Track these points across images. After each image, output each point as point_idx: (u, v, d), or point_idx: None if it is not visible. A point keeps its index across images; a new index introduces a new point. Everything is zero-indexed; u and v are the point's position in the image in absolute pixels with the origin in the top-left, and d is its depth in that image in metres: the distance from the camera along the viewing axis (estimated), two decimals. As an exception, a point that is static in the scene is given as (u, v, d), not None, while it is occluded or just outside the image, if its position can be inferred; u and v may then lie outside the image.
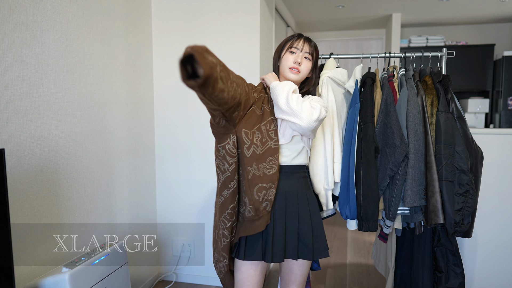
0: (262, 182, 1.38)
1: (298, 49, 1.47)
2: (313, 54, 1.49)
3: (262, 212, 1.39)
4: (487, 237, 2.29)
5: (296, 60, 1.45)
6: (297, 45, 1.48)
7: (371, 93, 1.83)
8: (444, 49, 2.03)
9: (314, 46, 1.50)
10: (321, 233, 1.49)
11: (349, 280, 2.71)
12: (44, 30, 1.61)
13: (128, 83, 2.25)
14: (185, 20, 2.48)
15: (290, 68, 1.46)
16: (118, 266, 1.77)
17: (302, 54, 1.47)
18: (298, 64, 1.45)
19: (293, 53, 1.47)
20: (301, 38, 1.49)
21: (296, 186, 1.47)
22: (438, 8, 4.03)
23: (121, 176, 2.20)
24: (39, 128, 1.59)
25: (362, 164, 1.75)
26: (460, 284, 1.78)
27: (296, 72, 1.46)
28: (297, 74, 1.46)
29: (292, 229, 1.44)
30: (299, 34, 1.53)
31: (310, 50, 1.48)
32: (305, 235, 1.45)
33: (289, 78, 1.47)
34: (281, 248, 1.42)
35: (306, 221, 1.46)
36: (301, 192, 1.48)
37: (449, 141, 1.69)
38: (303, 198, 1.48)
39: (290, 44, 1.48)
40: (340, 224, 4.01)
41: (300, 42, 1.48)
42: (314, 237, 1.46)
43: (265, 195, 1.38)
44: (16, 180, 1.47)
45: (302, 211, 1.46)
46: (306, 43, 1.48)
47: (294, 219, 1.45)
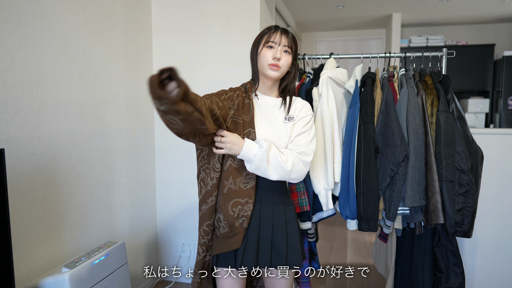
0: (237, 197, 1.33)
1: (276, 43, 1.37)
2: (292, 47, 1.40)
3: (237, 228, 1.34)
4: (487, 237, 2.28)
5: (275, 56, 1.36)
6: (274, 38, 1.37)
7: (371, 93, 1.83)
8: (444, 49, 2.03)
9: (292, 38, 1.41)
10: (296, 241, 1.43)
11: (349, 280, 2.70)
12: (44, 30, 1.61)
13: (128, 83, 2.25)
14: (185, 20, 2.48)
15: (269, 65, 1.36)
16: (118, 266, 1.76)
17: (281, 48, 1.37)
18: (278, 60, 1.36)
19: (271, 48, 1.37)
20: (277, 31, 1.38)
21: (272, 193, 1.42)
22: (438, 8, 4.03)
23: (121, 176, 2.20)
24: (39, 128, 1.59)
25: (362, 164, 1.75)
26: (460, 284, 1.78)
27: (276, 69, 1.37)
28: (277, 71, 1.37)
29: (266, 237, 1.39)
30: (275, 26, 1.42)
31: (288, 43, 1.38)
32: (278, 244, 1.39)
33: (269, 76, 1.38)
34: (254, 255, 1.36)
35: (281, 229, 1.40)
36: (277, 200, 1.43)
37: (449, 141, 1.68)
38: (279, 206, 1.42)
39: (266, 38, 1.38)
40: (340, 224, 4.01)
41: (277, 35, 1.38)
42: (289, 245, 1.40)
43: (241, 210, 1.34)
44: (16, 180, 1.47)
45: (277, 219, 1.41)
46: (283, 36, 1.38)
47: (268, 227, 1.39)
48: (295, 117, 1.44)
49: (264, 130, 1.39)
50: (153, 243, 2.60)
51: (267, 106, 1.44)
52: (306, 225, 1.86)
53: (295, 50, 1.42)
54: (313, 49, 5.37)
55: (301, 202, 1.80)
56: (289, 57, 1.39)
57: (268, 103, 1.45)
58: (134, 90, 2.32)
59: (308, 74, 2.10)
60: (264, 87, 1.46)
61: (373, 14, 4.35)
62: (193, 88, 2.81)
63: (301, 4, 3.85)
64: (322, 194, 1.79)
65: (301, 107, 1.46)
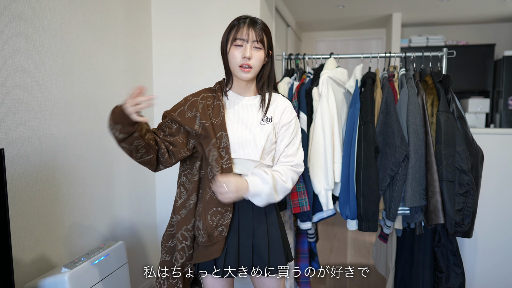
0: (218, 206, 1.27)
1: (243, 39, 1.22)
2: (263, 41, 1.24)
3: (216, 237, 1.28)
4: (488, 237, 2.28)
5: (244, 55, 1.21)
6: (242, 34, 1.22)
7: (371, 93, 1.83)
8: (445, 49, 2.03)
9: (262, 29, 1.24)
10: (278, 245, 1.35)
11: (349, 280, 2.70)
12: (44, 29, 1.60)
13: (128, 83, 2.25)
14: (185, 20, 2.48)
15: (239, 66, 1.23)
16: (118, 266, 1.76)
17: (250, 44, 1.22)
18: (248, 59, 1.22)
19: (240, 46, 1.23)
20: (244, 25, 1.23)
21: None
22: (439, 8, 4.03)
23: (121, 176, 2.20)
24: (38, 128, 1.59)
25: (362, 164, 1.75)
26: (460, 285, 1.78)
27: (248, 70, 1.23)
28: (249, 72, 1.24)
29: (246, 242, 1.32)
30: (244, 17, 1.25)
31: (257, 36, 1.22)
32: (260, 248, 1.32)
33: (242, 78, 1.26)
34: (234, 262, 1.31)
35: (262, 233, 1.33)
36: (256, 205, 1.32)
37: (449, 141, 1.68)
38: (259, 210, 1.34)
39: (233, 35, 1.23)
40: (340, 224, 4.01)
41: (243, 30, 1.22)
42: (270, 249, 1.33)
43: (220, 219, 1.28)
44: (16, 180, 1.47)
45: (258, 223, 1.34)
46: (251, 30, 1.22)
47: (248, 232, 1.33)
48: (277, 120, 1.32)
49: (238, 132, 1.29)
50: (153, 243, 2.60)
51: (241, 108, 1.32)
52: (306, 225, 1.86)
53: (268, 41, 1.27)
54: (313, 49, 5.37)
55: (301, 202, 1.80)
56: (260, 53, 1.25)
57: (243, 104, 1.33)
58: (134, 90, 2.32)
59: (308, 74, 2.10)
60: (239, 87, 1.33)
61: (373, 14, 4.35)
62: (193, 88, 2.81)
63: (301, 4, 3.85)
64: (322, 194, 1.79)
65: (283, 109, 1.34)
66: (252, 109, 1.33)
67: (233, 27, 1.25)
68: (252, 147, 1.28)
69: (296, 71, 2.16)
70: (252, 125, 1.30)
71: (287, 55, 2.23)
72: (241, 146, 1.28)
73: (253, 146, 1.28)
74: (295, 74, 2.14)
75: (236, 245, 1.32)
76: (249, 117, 1.31)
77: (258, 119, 1.31)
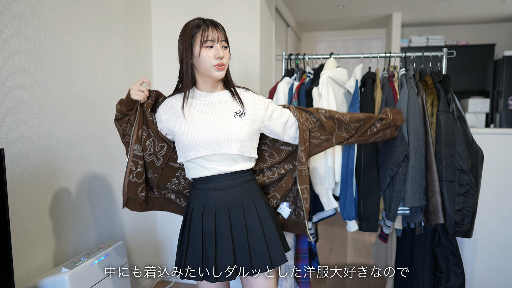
0: None
1: (213, 40, 1.28)
2: (227, 39, 1.33)
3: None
4: (487, 237, 2.28)
5: (218, 55, 1.27)
6: (211, 36, 1.27)
7: (371, 93, 1.83)
8: (445, 49, 2.03)
9: (223, 28, 1.32)
10: (276, 239, 1.35)
11: (349, 280, 2.70)
12: (44, 29, 1.61)
13: (128, 83, 2.25)
14: (185, 20, 2.46)
15: (215, 66, 1.28)
16: (118, 266, 1.76)
17: (220, 44, 1.29)
18: (221, 59, 1.28)
19: (211, 48, 1.28)
20: (210, 27, 1.28)
21: (239, 194, 1.35)
22: (439, 8, 4.03)
23: (121, 176, 2.20)
24: (38, 128, 1.59)
25: (362, 164, 1.75)
26: (460, 285, 1.78)
27: (222, 68, 1.30)
28: (223, 70, 1.31)
29: (241, 241, 1.32)
30: (204, 20, 1.30)
31: (224, 36, 1.31)
32: (258, 246, 1.32)
33: (216, 77, 1.30)
34: (231, 265, 1.29)
35: (257, 230, 1.33)
36: (245, 199, 1.36)
37: (449, 141, 1.68)
38: (249, 205, 1.35)
39: (202, 37, 1.27)
40: (340, 224, 4.01)
41: (210, 32, 1.27)
42: (269, 245, 1.33)
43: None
44: (15, 180, 1.47)
45: (250, 219, 1.34)
46: (217, 30, 1.29)
47: (241, 230, 1.32)
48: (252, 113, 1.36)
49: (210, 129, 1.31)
50: (153, 243, 2.60)
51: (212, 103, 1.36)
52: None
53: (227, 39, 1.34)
54: (313, 49, 5.37)
55: (301, 202, 1.79)
56: (227, 51, 1.33)
57: (213, 100, 1.36)
58: (134, 90, 2.32)
59: (308, 74, 2.10)
60: (207, 86, 1.36)
61: (373, 14, 4.35)
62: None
63: (301, 4, 3.85)
64: (323, 194, 1.79)
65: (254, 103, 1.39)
66: (224, 104, 1.36)
67: (197, 31, 1.28)
68: (227, 141, 1.31)
69: (296, 71, 2.16)
70: (225, 119, 1.33)
71: (287, 55, 2.23)
72: (216, 142, 1.31)
73: (228, 140, 1.31)
74: (295, 74, 2.14)
75: (230, 247, 1.31)
76: (221, 112, 1.34)
77: (232, 112, 1.35)
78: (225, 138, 1.31)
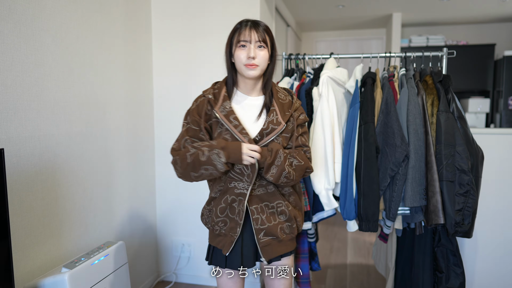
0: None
1: (247, 41, 1.30)
2: (265, 40, 1.32)
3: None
4: (487, 237, 2.28)
5: (249, 55, 1.29)
6: (245, 36, 1.30)
7: (371, 93, 1.83)
8: (445, 49, 2.03)
9: (264, 30, 1.33)
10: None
11: (349, 280, 2.70)
12: (44, 29, 1.60)
13: (128, 83, 2.25)
14: (185, 20, 2.48)
15: (245, 65, 1.31)
16: (118, 266, 1.76)
17: (254, 45, 1.30)
18: (253, 59, 1.30)
19: (244, 47, 1.31)
20: (247, 27, 1.31)
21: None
22: (439, 8, 4.03)
23: (121, 176, 2.20)
24: (38, 128, 1.59)
25: (362, 164, 1.75)
26: (460, 285, 1.78)
27: (254, 67, 1.31)
28: (255, 69, 1.31)
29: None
30: (246, 21, 1.34)
31: (260, 37, 1.30)
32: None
33: (248, 76, 1.33)
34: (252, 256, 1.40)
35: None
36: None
37: (449, 141, 1.68)
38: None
39: (237, 37, 1.31)
40: (340, 224, 4.01)
41: (246, 32, 1.30)
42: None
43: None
44: (15, 180, 1.47)
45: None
46: (253, 31, 1.30)
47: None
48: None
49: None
50: (153, 243, 2.60)
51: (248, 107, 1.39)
52: (306, 225, 1.86)
53: (271, 42, 1.35)
54: (313, 49, 5.37)
55: (301, 202, 1.79)
56: (264, 52, 1.32)
57: (250, 104, 1.40)
58: (134, 90, 2.32)
59: (308, 74, 2.10)
60: (246, 87, 1.40)
61: (373, 14, 4.35)
62: (193, 88, 2.79)
63: (301, 4, 3.85)
64: (323, 194, 1.79)
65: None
66: (254, 109, 1.40)
67: (236, 30, 1.33)
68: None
69: (296, 71, 2.16)
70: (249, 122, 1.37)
71: (287, 55, 2.23)
72: None
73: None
74: (295, 74, 2.14)
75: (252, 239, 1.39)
76: (249, 116, 1.38)
77: (254, 117, 1.38)
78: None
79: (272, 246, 1.38)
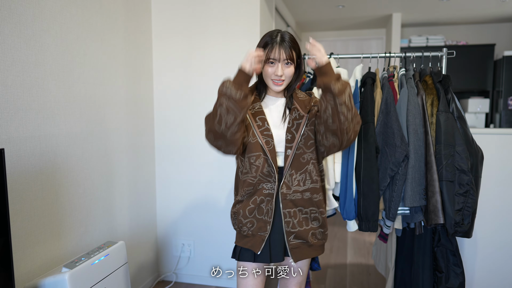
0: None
1: (275, 59, 1.37)
2: (292, 58, 1.38)
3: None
4: (487, 237, 2.28)
5: (276, 73, 1.37)
6: (274, 55, 1.36)
7: (371, 93, 1.83)
8: (444, 49, 2.03)
9: (291, 47, 1.37)
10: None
11: (349, 280, 2.70)
12: (44, 30, 1.61)
13: (128, 83, 2.25)
14: (185, 20, 2.48)
15: (272, 80, 1.40)
16: (118, 266, 1.76)
17: (281, 63, 1.37)
18: (280, 76, 1.38)
19: (272, 64, 1.38)
20: (275, 46, 1.36)
21: None
22: (438, 8, 4.03)
23: (121, 176, 2.20)
24: (38, 128, 1.59)
25: (362, 164, 1.75)
26: (460, 284, 1.78)
27: (280, 84, 1.40)
28: (281, 85, 1.41)
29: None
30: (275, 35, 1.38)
31: (288, 55, 1.36)
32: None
33: (273, 89, 1.43)
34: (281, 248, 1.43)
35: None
36: None
37: (449, 141, 1.68)
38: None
39: (266, 55, 1.37)
40: (340, 224, 4.01)
41: (276, 51, 1.36)
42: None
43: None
44: (15, 180, 1.47)
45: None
46: (281, 50, 1.35)
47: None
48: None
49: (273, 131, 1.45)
50: (153, 243, 2.60)
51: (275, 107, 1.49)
52: (306, 225, 1.86)
53: (297, 54, 1.41)
54: (313, 49, 5.35)
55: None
56: (291, 68, 1.40)
57: (275, 105, 1.50)
58: (134, 90, 2.32)
59: (308, 74, 2.10)
60: (272, 92, 1.50)
61: (373, 14, 4.35)
62: (193, 88, 2.78)
63: (301, 4, 3.85)
64: (322, 194, 1.79)
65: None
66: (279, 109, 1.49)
67: (266, 46, 1.38)
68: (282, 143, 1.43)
69: (296, 71, 2.16)
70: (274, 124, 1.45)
71: (287, 55, 2.22)
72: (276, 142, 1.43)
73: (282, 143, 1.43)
74: (295, 74, 2.14)
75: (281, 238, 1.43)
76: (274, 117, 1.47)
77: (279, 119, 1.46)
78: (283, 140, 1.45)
79: (302, 249, 1.43)
